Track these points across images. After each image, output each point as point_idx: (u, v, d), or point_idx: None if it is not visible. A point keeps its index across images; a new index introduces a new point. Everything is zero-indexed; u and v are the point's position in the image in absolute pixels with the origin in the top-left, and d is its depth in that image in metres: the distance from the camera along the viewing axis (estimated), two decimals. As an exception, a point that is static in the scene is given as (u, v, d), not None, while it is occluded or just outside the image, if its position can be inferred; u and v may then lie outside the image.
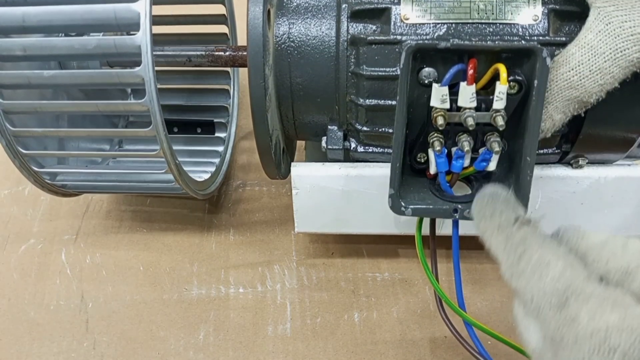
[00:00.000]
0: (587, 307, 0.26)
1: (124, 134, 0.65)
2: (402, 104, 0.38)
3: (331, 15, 0.44)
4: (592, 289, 0.27)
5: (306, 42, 0.44)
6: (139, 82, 0.40)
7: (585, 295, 0.26)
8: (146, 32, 0.39)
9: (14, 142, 0.46)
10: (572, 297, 0.27)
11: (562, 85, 0.38)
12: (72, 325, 0.54)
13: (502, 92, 0.37)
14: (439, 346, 0.51)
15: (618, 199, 0.48)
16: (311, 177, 0.48)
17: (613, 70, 0.36)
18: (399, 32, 0.41)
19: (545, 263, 0.28)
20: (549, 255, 0.29)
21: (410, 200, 0.41)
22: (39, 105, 0.45)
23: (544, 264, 0.28)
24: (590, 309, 0.26)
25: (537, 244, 0.30)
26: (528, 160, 0.38)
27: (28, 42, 0.42)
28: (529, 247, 0.30)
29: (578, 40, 0.37)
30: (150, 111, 0.41)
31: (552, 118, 0.39)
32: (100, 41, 0.41)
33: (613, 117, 0.41)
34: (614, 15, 0.36)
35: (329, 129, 0.47)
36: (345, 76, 0.44)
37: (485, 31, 0.41)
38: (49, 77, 0.42)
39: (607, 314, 0.25)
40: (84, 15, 0.40)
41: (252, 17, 0.41)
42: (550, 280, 0.28)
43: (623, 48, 0.36)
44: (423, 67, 0.38)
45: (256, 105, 0.42)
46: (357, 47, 0.43)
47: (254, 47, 0.41)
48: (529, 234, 0.31)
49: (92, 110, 0.44)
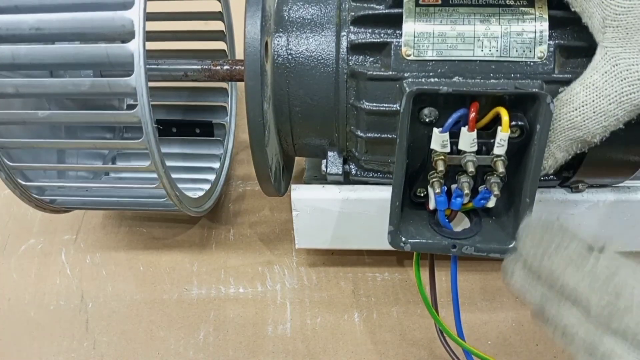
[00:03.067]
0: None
1: (122, 169, 0.64)
2: (403, 144, 0.37)
3: (330, 45, 0.42)
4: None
5: (305, 72, 0.43)
6: (136, 122, 0.39)
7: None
8: (141, 73, 0.38)
9: (14, 175, 0.45)
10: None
11: (565, 125, 0.37)
12: (72, 325, 0.54)
13: (504, 139, 0.36)
14: (439, 346, 0.51)
15: (616, 222, 0.48)
16: (311, 200, 0.48)
17: (617, 113, 0.35)
18: (400, 69, 0.40)
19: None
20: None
21: (410, 235, 0.40)
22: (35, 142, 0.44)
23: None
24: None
25: (631, 276, 0.27)
26: (527, 201, 0.37)
27: (20, 81, 0.40)
28: (624, 282, 0.27)
29: (583, 80, 0.36)
30: (149, 150, 0.40)
31: (554, 156, 0.38)
32: (94, 82, 0.39)
33: (617, 148, 0.41)
34: (621, 57, 0.35)
35: (328, 154, 0.46)
36: (345, 108, 0.43)
37: (489, 68, 0.40)
38: (43, 117, 0.41)
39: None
40: (76, 55, 0.39)
41: (250, 52, 0.39)
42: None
43: (629, 92, 0.35)
44: (424, 107, 0.38)
45: (255, 142, 0.42)
46: (357, 80, 0.42)
47: (251, 85, 0.40)
48: (613, 265, 0.28)
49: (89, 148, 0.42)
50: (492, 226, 0.41)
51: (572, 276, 0.28)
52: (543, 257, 0.30)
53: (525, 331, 0.52)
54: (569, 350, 0.29)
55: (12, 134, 0.47)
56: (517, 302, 0.54)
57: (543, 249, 0.30)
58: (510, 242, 0.39)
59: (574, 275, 0.28)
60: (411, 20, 0.40)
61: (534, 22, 0.39)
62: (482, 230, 0.40)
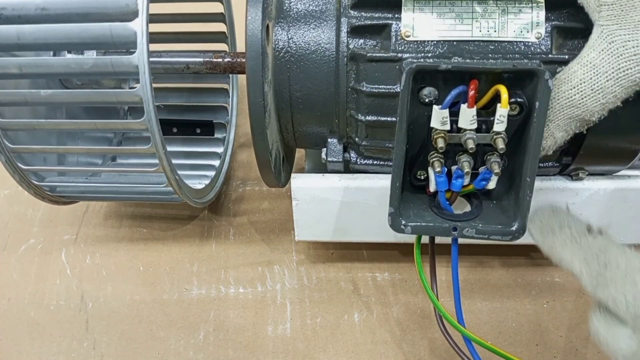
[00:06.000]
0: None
1: (122, 151, 0.65)
2: (403, 124, 0.38)
3: (331, 29, 0.43)
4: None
5: (306, 56, 0.43)
6: (138, 102, 0.40)
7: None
8: (143, 51, 0.38)
9: (13, 158, 0.45)
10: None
11: (564, 103, 0.37)
12: (72, 325, 0.54)
13: (503, 115, 0.36)
14: (439, 346, 0.51)
15: (618, 210, 0.48)
16: (311, 188, 0.49)
17: (615, 89, 0.36)
18: (400, 50, 0.41)
19: (636, 269, 0.28)
20: (637, 262, 0.28)
21: (410, 218, 0.40)
22: (37, 123, 0.45)
23: (635, 271, 0.28)
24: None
25: (620, 252, 0.29)
26: (528, 180, 0.38)
27: (24, 60, 0.41)
28: (613, 255, 0.29)
29: (581, 58, 0.37)
30: (149, 130, 0.41)
31: (553, 136, 0.39)
32: (97, 60, 0.40)
33: (615, 132, 0.41)
34: (617, 34, 0.35)
35: (328, 142, 0.47)
36: (345, 91, 0.43)
37: (487, 49, 0.40)
38: (46, 96, 0.42)
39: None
40: (80, 34, 0.40)
41: (251, 33, 0.40)
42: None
43: (626, 68, 0.35)
44: (423, 87, 0.38)
45: (256, 123, 0.42)
46: (357, 63, 0.42)
47: (252, 65, 0.40)
48: (607, 243, 0.30)
49: (90, 128, 0.43)
50: (492, 209, 0.41)
51: (570, 250, 0.31)
52: (547, 235, 0.33)
53: (525, 331, 0.52)
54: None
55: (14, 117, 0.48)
56: (517, 302, 0.54)
57: (547, 228, 0.33)
58: (512, 224, 0.39)
59: (571, 250, 0.31)
60: (410, 1, 0.41)
61: (531, 4, 0.40)
62: (482, 213, 0.41)
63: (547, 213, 0.34)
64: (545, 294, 0.55)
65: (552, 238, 0.32)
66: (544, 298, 0.54)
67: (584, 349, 0.51)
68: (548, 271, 0.56)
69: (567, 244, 0.31)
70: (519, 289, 0.55)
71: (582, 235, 0.31)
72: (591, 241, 0.31)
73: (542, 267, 0.56)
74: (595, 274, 0.29)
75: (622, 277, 0.28)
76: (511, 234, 0.38)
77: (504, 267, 0.57)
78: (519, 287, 0.55)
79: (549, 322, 0.53)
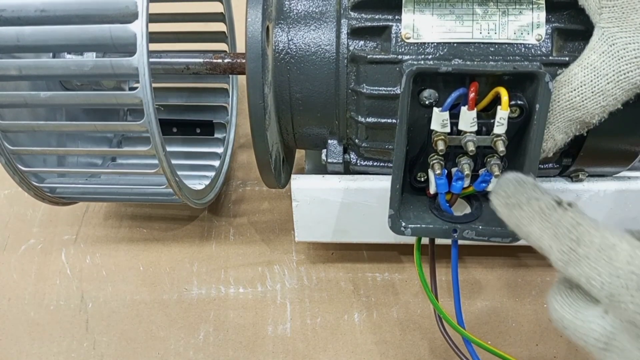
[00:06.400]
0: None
1: (122, 153, 0.65)
2: (403, 126, 0.38)
3: (331, 31, 0.43)
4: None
5: (306, 58, 0.43)
6: (137, 104, 0.40)
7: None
8: (143, 53, 0.38)
9: (13, 160, 0.45)
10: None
11: (564, 105, 0.37)
12: (72, 325, 0.54)
13: (503, 118, 0.36)
14: (439, 346, 0.51)
15: (618, 212, 0.48)
16: (311, 189, 0.48)
17: (616, 92, 0.36)
18: (400, 52, 0.41)
19: (610, 245, 0.27)
20: (611, 238, 0.27)
21: (410, 220, 0.40)
22: (37, 125, 0.45)
23: (609, 247, 0.27)
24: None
25: (593, 227, 0.28)
26: None
27: (23, 62, 0.41)
28: (585, 231, 0.28)
29: (581, 61, 0.37)
30: (150, 132, 0.41)
31: (553, 138, 0.39)
32: (97, 63, 0.40)
33: (615, 134, 0.41)
34: (618, 36, 0.35)
35: (329, 143, 0.47)
36: (345, 93, 0.43)
37: (487, 51, 0.40)
38: (46, 98, 0.42)
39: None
40: (80, 36, 0.39)
41: (251, 35, 0.40)
42: (623, 264, 0.26)
43: (626, 70, 0.35)
44: (424, 89, 0.38)
45: (256, 125, 0.42)
46: (358, 64, 0.42)
47: (252, 67, 0.40)
48: (578, 217, 0.29)
49: (90, 130, 0.43)
50: (493, 211, 0.41)
51: (538, 225, 0.29)
52: (513, 209, 0.31)
53: (525, 331, 0.52)
54: None
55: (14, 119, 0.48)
56: (517, 302, 0.54)
57: (513, 202, 0.31)
58: None
59: (540, 225, 0.29)
60: (411, 3, 0.41)
61: (531, 5, 0.40)
62: (483, 215, 0.41)
63: (512, 185, 0.31)
64: (545, 294, 0.55)
65: (518, 212, 0.30)
66: (544, 298, 0.54)
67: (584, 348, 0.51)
68: (548, 271, 0.56)
69: (536, 218, 0.29)
70: (519, 289, 0.55)
71: (551, 209, 0.29)
72: (561, 215, 0.29)
73: (542, 267, 0.56)
74: (566, 250, 0.28)
75: (596, 253, 0.27)
76: (511, 235, 0.38)
77: (504, 267, 0.57)
78: (519, 287, 0.55)
79: (549, 322, 0.53)
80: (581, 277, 0.27)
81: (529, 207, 0.30)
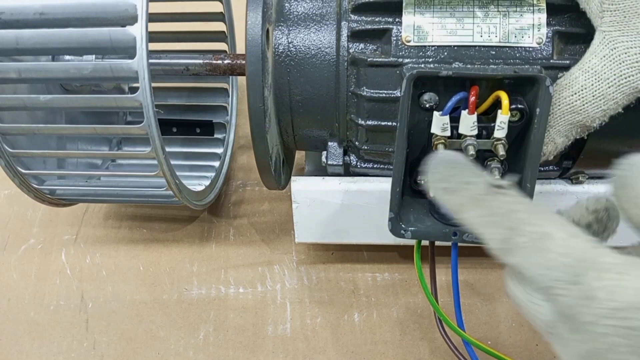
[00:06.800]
0: (604, 282, 0.24)
1: (122, 156, 0.65)
2: (403, 129, 0.38)
3: (331, 33, 0.43)
4: (611, 260, 0.25)
5: (306, 60, 0.43)
6: (137, 106, 0.40)
7: (603, 268, 0.24)
8: (143, 56, 0.38)
9: (13, 162, 0.45)
10: (586, 271, 0.24)
11: (565, 109, 0.37)
12: (72, 325, 0.54)
13: (504, 122, 0.36)
14: (439, 346, 0.51)
15: None
16: (311, 191, 0.48)
17: (617, 96, 0.36)
18: (400, 55, 0.41)
19: (544, 234, 0.26)
20: (546, 225, 0.26)
21: (410, 223, 0.40)
22: (36, 128, 0.45)
23: (544, 236, 0.26)
24: (609, 284, 0.24)
25: (527, 212, 0.27)
26: (528, 187, 0.38)
27: (23, 65, 0.41)
28: (520, 218, 0.27)
29: (582, 64, 0.37)
30: (149, 135, 0.41)
31: (554, 142, 0.39)
32: (96, 66, 0.40)
33: (616, 137, 0.41)
34: (619, 40, 0.35)
35: (329, 145, 0.46)
36: (346, 96, 0.43)
37: (488, 54, 0.40)
38: (45, 100, 0.42)
39: (629, 290, 0.23)
40: (79, 39, 0.39)
41: (251, 37, 0.40)
42: (557, 255, 0.25)
43: (627, 74, 0.35)
44: (424, 92, 0.38)
45: (256, 127, 0.42)
46: (358, 67, 0.42)
47: (252, 70, 0.40)
48: (513, 203, 0.28)
49: (90, 133, 0.43)
50: None
51: (474, 212, 0.28)
52: (446, 195, 0.30)
53: (525, 331, 0.52)
54: None
55: (13, 121, 0.48)
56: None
57: (446, 188, 0.29)
58: None
59: (475, 212, 0.28)
60: (411, 6, 0.40)
61: (532, 9, 0.40)
62: None
63: (445, 167, 0.30)
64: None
65: (453, 198, 0.29)
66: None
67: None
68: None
69: (470, 205, 0.28)
70: (518, 289, 0.55)
71: (485, 194, 0.28)
72: (496, 201, 0.27)
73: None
74: (502, 240, 0.27)
75: (530, 243, 0.26)
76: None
77: (504, 267, 0.57)
78: (518, 287, 0.55)
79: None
80: (519, 267, 0.27)
81: (461, 193, 0.29)
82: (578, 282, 0.24)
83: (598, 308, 0.24)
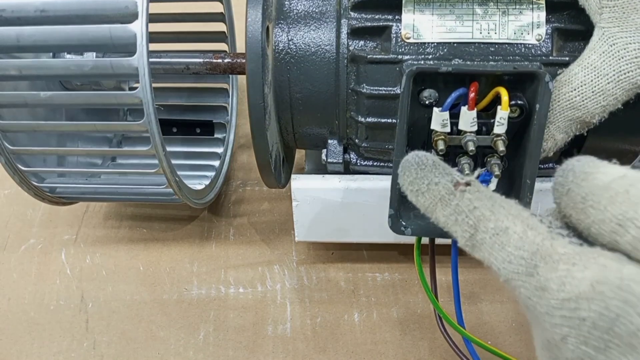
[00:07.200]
0: (556, 273, 0.24)
1: (122, 153, 0.65)
2: (403, 126, 0.38)
3: (331, 30, 0.43)
4: (562, 250, 0.25)
5: (306, 58, 0.43)
6: (137, 104, 0.40)
7: (554, 259, 0.25)
8: (143, 54, 0.38)
9: (13, 160, 0.45)
10: (540, 262, 0.25)
11: (565, 105, 0.37)
12: (72, 325, 0.54)
13: (504, 118, 0.36)
14: (439, 346, 0.51)
15: None
16: (311, 189, 0.48)
17: (616, 92, 0.36)
18: (400, 52, 0.41)
19: (503, 229, 0.27)
20: (505, 220, 0.27)
21: (410, 220, 0.40)
22: (37, 125, 0.44)
23: (502, 231, 0.27)
24: (560, 275, 0.24)
25: (488, 209, 0.28)
26: (528, 182, 0.37)
27: (23, 62, 0.41)
28: (481, 214, 0.28)
29: (581, 60, 0.37)
30: (150, 132, 0.41)
31: (553, 138, 0.39)
32: (97, 63, 0.40)
33: (615, 134, 0.41)
34: (618, 36, 0.35)
35: (329, 143, 0.47)
36: (345, 93, 0.43)
37: (487, 51, 0.40)
38: (45, 97, 0.42)
39: (577, 281, 0.24)
40: (80, 36, 0.39)
41: (251, 35, 0.40)
42: (513, 249, 0.26)
43: (627, 70, 0.35)
44: (424, 89, 0.38)
45: (256, 125, 0.42)
46: (358, 64, 0.42)
47: (252, 68, 0.40)
48: (474, 199, 0.28)
49: (90, 130, 0.43)
50: None
51: (441, 212, 0.29)
52: (417, 197, 0.31)
53: (525, 331, 0.52)
54: None
55: (14, 118, 0.48)
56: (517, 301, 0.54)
57: (416, 189, 0.30)
58: None
59: (443, 211, 0.29)
60: (411, 3, 0.41)
61: (531, 5, 0.40)
62: None
63: (414, 168, 0.31)
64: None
65: (422, 199, 0.30)
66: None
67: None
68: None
69: (438, 205, 0.29)
70: (518, 289, 0.55)
71: (450, 193, 0.29)
72: (459, 199, 0.28)
73: (542, 267, 0.56)
74: (468, 237, 0.28)
75: (490, 239, 0.27)
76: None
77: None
78: (518, 287, 0.55)
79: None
80: (485, 262, 0.28)
81: (430, 194, 0.30)
82: (532, 273, 0.25)
83: (550, 299, 0.24)
